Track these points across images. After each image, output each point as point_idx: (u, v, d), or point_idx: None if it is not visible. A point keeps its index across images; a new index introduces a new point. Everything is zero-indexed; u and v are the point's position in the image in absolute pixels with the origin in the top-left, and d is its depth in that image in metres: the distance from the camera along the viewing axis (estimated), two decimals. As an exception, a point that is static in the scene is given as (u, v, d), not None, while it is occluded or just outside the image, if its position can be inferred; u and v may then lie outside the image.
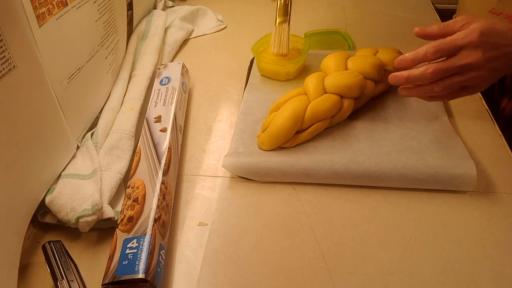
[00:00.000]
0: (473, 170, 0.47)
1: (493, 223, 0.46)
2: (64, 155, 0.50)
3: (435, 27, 0.49)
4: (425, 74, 0.46)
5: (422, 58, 0.47)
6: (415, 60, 0.47)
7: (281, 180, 0.51)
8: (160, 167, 0.47)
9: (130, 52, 0.69)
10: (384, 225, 0.46)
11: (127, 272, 0.38)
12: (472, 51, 0.44)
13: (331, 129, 0.55)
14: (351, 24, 0.83)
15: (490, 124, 0.58)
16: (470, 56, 0.44)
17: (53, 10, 0.45)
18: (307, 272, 0.42)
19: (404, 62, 0.48)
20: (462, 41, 0.44)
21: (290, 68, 0.65)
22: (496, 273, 0.41)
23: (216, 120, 0.62)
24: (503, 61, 0.45)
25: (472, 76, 0.46)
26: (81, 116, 0.54)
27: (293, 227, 0.46)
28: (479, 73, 0.45)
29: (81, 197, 0.45)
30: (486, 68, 0.45)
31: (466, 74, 0.46)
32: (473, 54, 0.44)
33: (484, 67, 0.45)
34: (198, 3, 0.90)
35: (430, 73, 0.46)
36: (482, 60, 0.44)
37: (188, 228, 0.47)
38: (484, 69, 0.45)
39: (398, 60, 0.49)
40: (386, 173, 0.48)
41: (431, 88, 0.48)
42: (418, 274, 0.41)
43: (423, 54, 0.46)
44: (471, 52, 0.44)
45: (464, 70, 0.45)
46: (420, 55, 0.47)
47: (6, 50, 0.37)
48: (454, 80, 0.46)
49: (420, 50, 0.47)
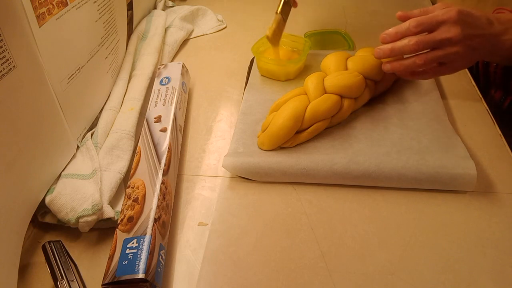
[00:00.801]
0: (473, 170, 0.47)
1: (493, 223, 0.46)
2: (64, 155, 0.50)
3: (417, 12, 0.52)
4: (408, 45, 0.49)
5: (404, 31, 0.50)
6: (398, 34, 0.51)
7: (281, 180, 0.51)
8: (160, 167, 0.47)
9: (130, 52, 0.69)
10: (384, 225, 0.46)
11: (127, 272, 0.38)
12: (451, 26, 0.48)
13: (331, 129, 0.55)
14: (351, 24, 0.83)
15: (490, 124, 0.58)
16: (449, 31, 0.48)
17: (53, 10, 0.45)
18: (307, 272, 0.42)
19: (388, 36, 0.52)
20: (442, 17, 0.48)
21: (290, 68, 0.65)
22: (496, 273, 0.41)
23: (216, 120, 0.62)
24: (480, 40, 0.49)
25: (452, 51, 0.49)
26: (81, 116, 0.54)
27: (293, 227, 0.46)
28: (458, 48, 0.49)
29: (81, 197, 0.45)
30: (464, 45, 0.48)
31: (445, 49, 0.49)
32: (453, 29, 0.48)
33: (462, 43, 0.48)
34: (198, 3, 0.90)
35: (413, 44, 0.49)
36: (461, 36, 0.48)
37: (188, 228, 0.47)
38: (462, 45, 0.48)
39: (383, 35, 0.52)
40: (386, 173, 0.48)
41: (413, 61, 0.51)
42: (418, 274, 0.41)
43: (406, 27, 0.50)
44: (451, 27, 0.48)
45: (444, 44, 0.49)
46: (403, 29, 0.50)
47: (6, 50, 0.37)
48: (434, 54, 0.50)
49: (403, 25, 0.50)
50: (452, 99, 0.62)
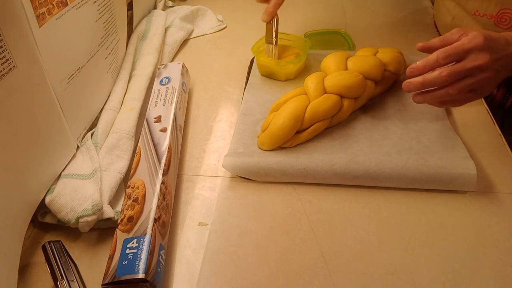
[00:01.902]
0: (473, 170, 0.47)
1: (493, 223, 0.46)
2: (64, 155, 0.50)
3: (436, 41, 0.51)
4: (440, 77, 0.48)
5: (433, 64, 0.48)
6: (427, 67, 0.49)
7: (281, 180, 0.51)
8: (160, 167, 0.47)
9: (130, 52, 0.69)
10: (384, 225, 0.46)
11: (127, 272, 0.38)
12: (479, 54, 0.47)
13: (331, 129, 0.55)
14: (351, 24, 0.83)
15: (490, 124, 0.58)
16: (479, 58, 0.47)
17: (53, 10, 0.45)
18: (307, 272, 0.42)
19: (416, 70, 0.50)
20: (469, 45, 0.47)
21: (290, 68, 0.65)
22: (496, 273, 0.41)
23: (216, 120, 0.62)
24: (503, 62, 0.48)
25: (482, 77, 0.48)
26: (81, 116, 0.54)
27: (293, 227, 0.46)
28: (487, 74, 0.48)
29: (81, 197, 0.45)
30: (492, 69, 0.48)
31: (476, 76, 0.48)
32: (481, 56, 0.47)
33: (491, 68, 0.47)
34: (198, 3, 0.90)
35: (445, 76, 0.48)
36: (490, 61, 0.47)
37: (188, 228, 0.47)
38: (491, 70, 0.48)
39: (410, 69, 0.50)
40: (386, 173, 0.48)
41: (446, 91, 0.49)
42: (418, 274, 0.41)
43: (434, 60, 0.48)
44: (479, 55, 0.47)
45: (475, 72, 0.48)
46: (431, 62, 0.48)
47: (6, 50, 0.37)
48: (466, 82, 0.48)
49: (430, 57, 0.48)
50: (452, 99, 0.62)
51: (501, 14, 0.62)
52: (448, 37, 0.50)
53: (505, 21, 0.62)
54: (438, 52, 0.48)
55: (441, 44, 0.50)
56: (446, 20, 0.72)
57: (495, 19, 0.63)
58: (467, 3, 0.65)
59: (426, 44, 0.52)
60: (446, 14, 0.72)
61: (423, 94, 0.51)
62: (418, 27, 0.81)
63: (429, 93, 0.51)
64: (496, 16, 0.62)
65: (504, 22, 0.62)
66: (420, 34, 0.79)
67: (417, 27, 0.82)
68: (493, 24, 0.63)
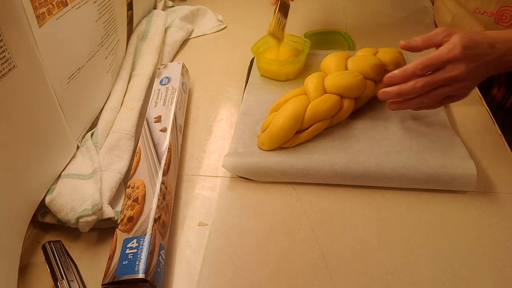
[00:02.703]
0: (473, 170, 0.47)
1: (493, 223, 0.46)
2: (64, 155, 0.50)
3: (419, 40, 0.52)
4: (415, 87, 0.49)
5: (410, 75, 0.49)
6: (404, 77, 0.50)
7: (281, 180, 0.51)
8: (160, 167, 0.47)
9: (130, 52, 0.69)
10: (384, 225, 0.46)
11: (127, 272, 0.38)
12: (456, 64, 0.48)
13: (331, 129, 0.55)
14: (351, 24, 0.83)
15: (490, 124, 0.58)
16: (455, 69, 0.48)
17: (53, 10, 0.45)
18: (307, 272, 0.42)
19: (393, 79, 0.51)
20: (447, 56, 0.47)
21: (290, 68, 0.65)
22: (496, 273, 0.41)
23: (216, 120, 0.62)
24: (483, 69, 0.49)
25: (458, 86, 0.49)
26: (81, 116, 0.54)
27: (293, 227, 0.46)
28: (463, 83, 0.49)
29: (81, 197, 0.45)
30: (469, 78, 0.48)
31: (452, 85, 0.49)
32: (458, 67, 0.47)
33: (468, 77, 0.48)
34: (198, 3, 0.90)
35: (419, 87, 0.49)
36: (466, 72, 0.48)
37: (188, 228, 0.47)
38: (467, 79, 0.48)
39: (388, 78, 0.51)
40: (386, 173, 0.48)
41: (421, 100, 0.51)
42: (418, 274, 0.41)
43: (412, 71, 0.49)
44: (456, 65, 0.48)
45: (451, 82, 0.49)
46: (409, 72, 0.49)
47: (6, 50, 0.37)
48: (441, 91, 0.50)
49: (408, 67, 0.49)
50: (452, 99, 0.62)
51: (501, 12, 0.62)
52: (432, 37, 0.51)
53: (505, 19, 0.62)
54: (417, 62, 0.49)
55: (424, 45, 0.51)
56: (446, 19, 0.72)
57: (495, 17, 0.63)
58: (467, 1, 0.65)
59: (408, 44, 0.52)
60: (446, 13, 0.72)
61: (399, 102, 0.52)
62: (418, 27, 0.81)
63: (404, 102, 0.52)
64: (496, 14, 0.62)
65: (504, 20, 0.62)
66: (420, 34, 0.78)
67: (417, 27, 0.82)
68: (494, 22, 0.63)
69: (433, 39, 0.51)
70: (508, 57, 0.49)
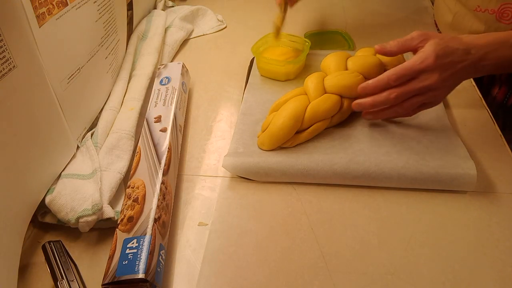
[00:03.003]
0: (473, 170, 0.47)
1: (493, 223, 0.46)
2: (64, 155, 0.50)
3: (394, 45, 0.52)
4: (389, 99, 0.50)
5: (384, 85, 0.50)
6: (377, 88, 0.50)
7: (281, 180, 0.51)
8: (160, 167, 0.47)
9: (130, 52, 0.69)
10: (384, 225, 0.46)
11: (127, 272, 0.38)
12: (429, 74, 0.48)
13: (331, 129, 0.55)
14: (351, 24, 0.83)
15: (490, 124, 0.58)
16: (428, 79, 0.48)
17: (53, 10, 0.45)
18: (307, 272, 0.42)
19: (367, 89, 0.51)
20: (420, 66, 0.48)
21: (290, 68, 0.65)
22: (496, 273, 0.41)
23: (216, 120, 0.62)
24: (456, 76, 0.49)
25: (431, 95, 0.50)
26: (81, 116, 0.54)
27: (293, 227, 0.46)
28: (437, 91, 0.49)
29: (81, 197, 0.45)
30: (443, 86, 0.49)
31: (425, 94, 0.49)
32: (431, 76, 0.48)
33: (441, 86, 0.49)
34: (198, 3, 0.90)
35: (393, 98, 0.49)
36: (439, 81, 0.48)
37: (188, 228, 0.47)
38: (441, 87, 0.49)
39: (362, 88, 0.51)
40: (386, 173, 0.48)
41: (395, 110, 0.51)
42: (418, 274, 0.41)
43: (385, 82, 0.49)
44: (429, 75, 0.48)
45: (424, 91, 0.49)
46: (382, 83, 0.50)
47: (6, 50, 0.37)
48: (415, 100, 0.50)
49: (382, 78, 0.50)
50: (452, 99, 0.62)
51: (502, 9, 0.62)
52: (407, 41, 0.51)
53: (507, 16, 0.62)
54: (390, 73, 0.49)
55: (399, 50, 0.51)
56: (447, 19, 0.72)
57: (497, 15, 0.63)
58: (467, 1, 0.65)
59: (383, 48, 0.52)
60: (446, 12, 0.72)
61: (373, 113, 0.53)
62: (418, 27, 0.81)
63: (378, 112, 0.53)
64: (498, 11, 0.62)
65: (506, 17, 0.62)
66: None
67: (417, 27, 0.82)
68: (495, 19, 0.63)
69: (408, 44, 0.51)
70: (484, 62, 0.49)
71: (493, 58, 0.48)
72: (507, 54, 0.49)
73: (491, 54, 0.48)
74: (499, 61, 0.49)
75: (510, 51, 0.49)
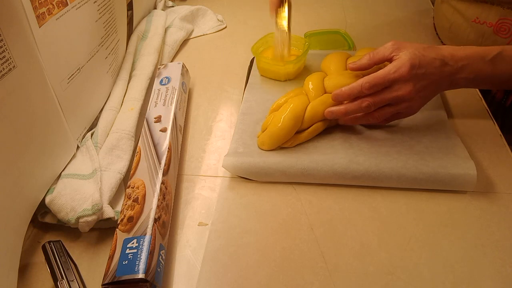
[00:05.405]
0: (473, 170, 0.47)
1: (493, 223, 0.46)
2: (64, 155, 0.50)
3: (366, 59, 0.52)
4: (361, 107, 0.50)
5: (357, 93, 0.50)
6: (351, 96, 0.50)
7: (281, 180, 0.51)
8: (160, 167, 0.47)
9: (130, 52, 0.69)
10: (384, 225, 0.46)
11: (127, 272, 0.38)
12: (403, 84, 0.47)
13: (331, 129, 0.55)
14: (351, 24, 0.83)
15: (490, 124, 0.58)
16: (401, 89, 0.47)
17: (53, 10, 0.45)
18: (307, 272, 0.42)
19: (341, 97, 0.51)
20: (394, 75, 0.47)
21: (290, 68, 0.65)
22: (496, 273, 0.41)
23: (216, 120, 0.62)
24: (431, 88, 0.49)
25: (404, 106, 0.49)
26: (81, 116, 0.54)
27: (293, 227, 0.46)
28: (409, 103, 0.49)
29: (81, 197, 0.45)
30: (416, 97, 0.48)
31: (398, 105, 0.49)
32: (404, 87, 0.47)
33: (415, 97, 0.48)
34: (198, 3, 0.90)
35: (365, 107, 0.49)
36: (413, 92, 0.47)
37: (188, 228, 0.47)
38: (414, 98, 0.48)
39: (335, 95, 0.51)
40: (386, 173, 0.48)
41: (367, 119, 0.52)
42: (418, 274, 0.41)
43: (359, 90, 0.49)
44: (402, 85, 0.47)
45: (397, 101, 0.49)
46: (356, 91, 0.49)
47: (6, 50, 0.37)
48: (387, 110, 0.50)
49: (355, 86, 0.49)
50: (452, 99, 0.62)
51: (500, 23, 0.62)
52: (380, 51, 0.50)
53: (504, 30, 0.62)
54: (364, 81, 0.48)
55: (371, 62, 0.51)
56: (444, 26, 0.72)
57: (494, 28, 0.63)
58: (467, 9, 0.65)
59: (356, 66, 0.52)
60: (444, 19, 0.72)
61: (346, 119, 0.53)
62: (418, 28, 0.81)
63: (352, 119, 0.53)
64: (495, 25, 0.63)
65: (503, 32, 0.62)
66: (420, 35, 0.79)
67: (417, 27, 0.82)
68: (493, 32, 0.63)
69: (382, 54, 0.50)
70: (460, 75, 0.48)
71: (469, 72, 0.48)
72: (483, 69, 0.48)
73: (468, 67, 0.48)
74: (475, 76, 0.48)
75: (487, 67, 0.48)
